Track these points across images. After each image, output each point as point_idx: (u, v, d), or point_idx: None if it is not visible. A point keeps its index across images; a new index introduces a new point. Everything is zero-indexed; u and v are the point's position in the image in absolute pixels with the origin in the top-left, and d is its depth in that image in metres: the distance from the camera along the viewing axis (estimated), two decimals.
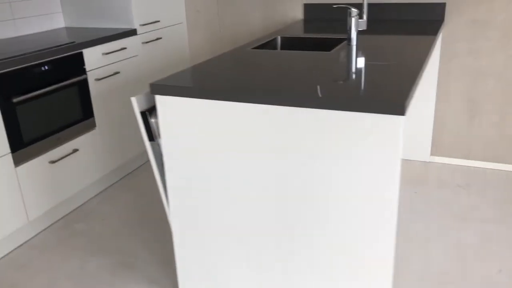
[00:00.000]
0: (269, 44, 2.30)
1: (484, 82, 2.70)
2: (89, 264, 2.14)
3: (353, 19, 2.02)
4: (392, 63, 1.70)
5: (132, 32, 2.80)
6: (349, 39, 2.07)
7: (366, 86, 1.43)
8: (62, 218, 2.53)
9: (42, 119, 2.28)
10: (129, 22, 2.83)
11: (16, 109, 2.14)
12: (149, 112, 1.68)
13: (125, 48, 2.74)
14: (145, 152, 3.19)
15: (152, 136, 1.70)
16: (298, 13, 3.00)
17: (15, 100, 2.12)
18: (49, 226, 2.45)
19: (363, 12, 2.06)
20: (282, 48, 2.44)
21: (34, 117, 2.23)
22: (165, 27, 3.11)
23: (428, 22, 2.62)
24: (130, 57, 2.81)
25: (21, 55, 2.18)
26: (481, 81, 2.70)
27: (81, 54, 2.47)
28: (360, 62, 1.74)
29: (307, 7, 2.95)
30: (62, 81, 2.38)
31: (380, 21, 2.70)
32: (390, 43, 2.06)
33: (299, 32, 2.50)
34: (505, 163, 2.79)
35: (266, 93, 1.41)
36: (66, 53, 2.37)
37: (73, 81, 2.42)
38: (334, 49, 2.02)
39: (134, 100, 1.65)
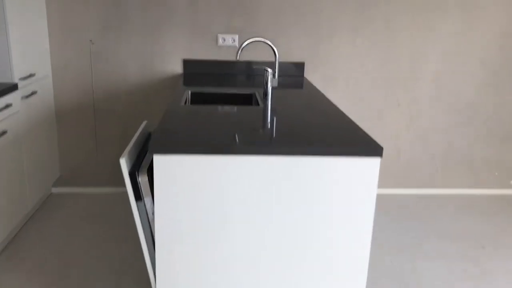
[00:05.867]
0: (183, 98, 2.47)
1: None
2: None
3: (269, 78, 2.39)
4: (322, 115, 2.12)
5: (15, 87, 2.56)
6: (266, 94, 2.42)
7: (334, 133, 1.80)
8: None
9: None
10: (7, 76, 2.58)
11: None
12: (137, 171, 1.70)
13: (10, 105, 2.49)
14: (27, 215, 2.88)
15: (140, 196, 1.71)
16: (177, 68, 3.21)
17: None
18: None
19: (275, 72, 2.45)
20: (193, 103, 2.63)
21: None
22: (38, 80, 2.91)
23: (294, 77, 3.17)
24: (13, 114, 2.56)
25: None
26: None
27: None
28: (299, 114, 2.11)
29: (186, 63, 3.19)
30: None
31: (261, 76, 3.15)
32: (292, 95, 2.49)
33: (195, 86, 2.73)
34: None
35: (264, 145, 1.65)
36: None
37: None
38: (259, 104, 2.35)
39: (123, 161, 1.66)
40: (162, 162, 1.65)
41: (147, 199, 1.73)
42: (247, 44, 2.44)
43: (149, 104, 3.26)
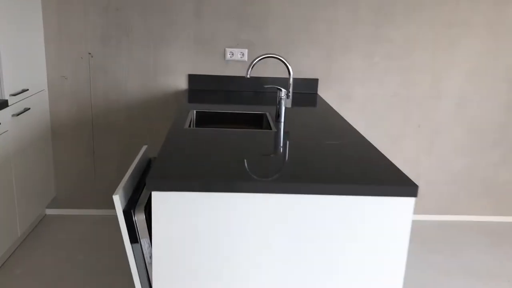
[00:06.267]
0: (188, 119, 2.25)
1: None
2: None
3: (283, 100, 2.17)
4: (343, 142, 1.89)
5: (4, 104, 2.35)
6: (278, 115, 2.20)
7: (360, 167, 1.57)
8: None
9: None
10: None
11: None
12: (133, 210, 1.48)
13: None
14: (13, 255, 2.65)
15: (135, 237, 1.49)
16: (181, 83, 3.00)
17: None
18: None
19: (289, 92, 2.23)
20: (199, 123, 2.42)
21: None
22: (31, 95, 2.70)
23: (307, 95, 2.96)
24: (1, 133, 2.35)
25: None
26: None
27: None
28: (316, 141, 1.88)
29: (192, 78, 2.98)
30: None
31: (272, 93, 2.93)
32: (306, 115, 2.27)
33: (201, 104, 2.51)
34: None
35: (285, 183, 1.43)
36: None
37: None
38: (270, 126, 2.13)
39: (117, 198, 1.43)
40: (161, 200, 1.43)
41: (144, 241, 1.51)
42: (258, 60, 2.22)
43: (151, 121, 3.04)
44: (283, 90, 2.17)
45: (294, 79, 3.02)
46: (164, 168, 1.51)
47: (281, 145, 1.85)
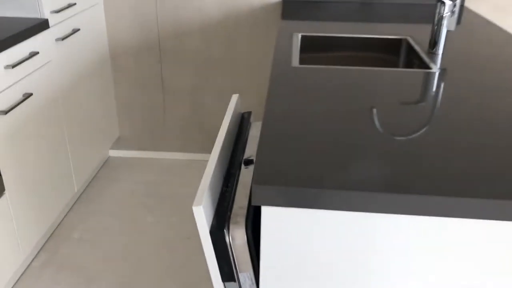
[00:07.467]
0: (293, 48, 1.53)
1: None
2: None
3: (445, 18, 1.38)
4: None
5: (43, 25, 1.74)
6: (433, 44, 1.42)
7: None
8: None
9: None
10: (34, 9, 1.76)
11: None
12: (227, 227, 0.85)
13: (36, 53, 1.69)
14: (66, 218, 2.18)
15: (231, 271, 0.87)
16: None
17: None
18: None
19: (455, 6, 1.43)
20: (305, 52, 1.69)
21: None
22: (81, 12, 2.08)
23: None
24: (42, 65, 1.76)
25: None
26: None
27: None
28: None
29: None
30: None
31: (389, 4, 2.10)
32: (473, 43, 1.47)
33: (300, 21, 1.76)
34: None
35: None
36: None
37: None
38: (420, 60, 1.36)
39: (199, 210, 0.80)
40: (276, 219, 0.78)
41: (243, 276, 0.88)
42: None
43: (233, 45, 2.34)
44: (448, 2, 1.36)
45: None
46: (278, 164, 0.83)
47: (459, 104, 1.10)
